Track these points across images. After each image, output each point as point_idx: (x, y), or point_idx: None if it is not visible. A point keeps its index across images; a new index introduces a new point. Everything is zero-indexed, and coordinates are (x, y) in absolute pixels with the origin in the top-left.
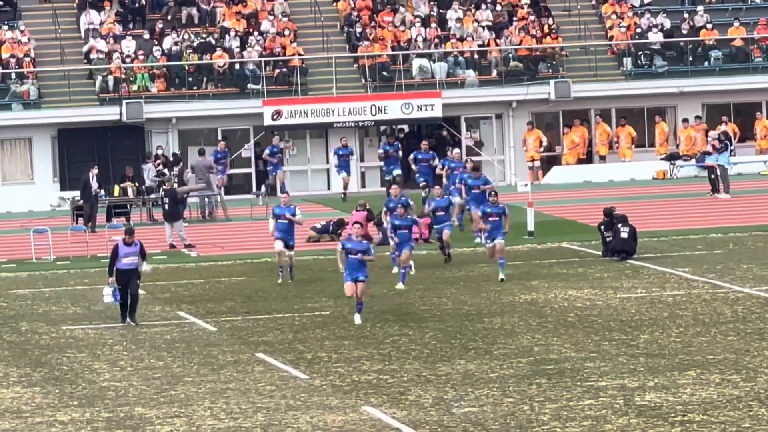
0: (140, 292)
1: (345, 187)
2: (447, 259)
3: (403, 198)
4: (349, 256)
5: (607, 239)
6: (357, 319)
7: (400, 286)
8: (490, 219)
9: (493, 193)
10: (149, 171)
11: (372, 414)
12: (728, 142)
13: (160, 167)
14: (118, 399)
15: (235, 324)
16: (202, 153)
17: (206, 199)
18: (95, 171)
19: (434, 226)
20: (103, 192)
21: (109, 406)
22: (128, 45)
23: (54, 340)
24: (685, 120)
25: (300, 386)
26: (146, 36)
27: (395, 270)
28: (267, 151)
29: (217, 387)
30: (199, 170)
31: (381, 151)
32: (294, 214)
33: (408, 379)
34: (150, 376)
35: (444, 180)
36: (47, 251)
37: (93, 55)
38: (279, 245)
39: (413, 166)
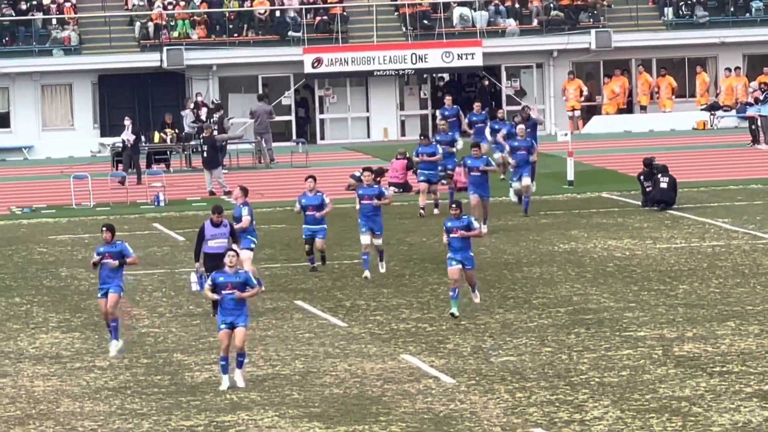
0: None
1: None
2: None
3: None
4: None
5: (647, 189)
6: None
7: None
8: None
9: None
10: (187, 117)
11: (410, 362)
12: None
13: (198, 114)
14: (157, 345)
15: (274, 271)
16: (261, 98)
17: (263, 144)
18: (128, 122)
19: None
20: (143, 138)
21: (148, 352)
22: None
23: (93, 286)
24: (727, 69)
25: (338, 334)
26: None
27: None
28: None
29: (255, 334)
30: (259, 115)
31: (439, 115)
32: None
33: (447, 328)
34: (189, 322)
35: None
36: (87, 197)
37: (134, 2)
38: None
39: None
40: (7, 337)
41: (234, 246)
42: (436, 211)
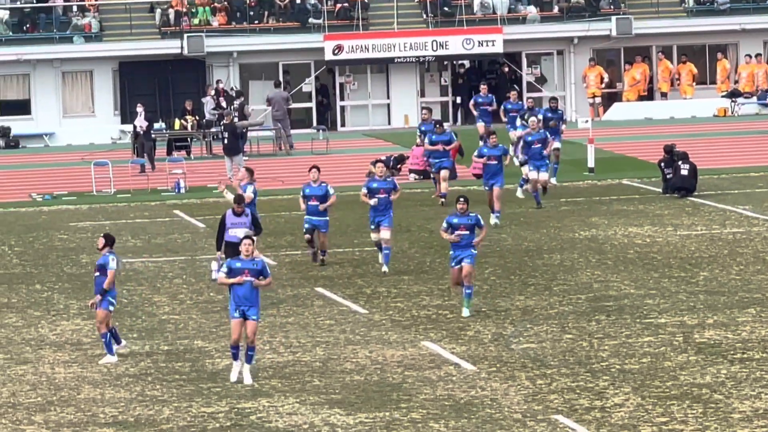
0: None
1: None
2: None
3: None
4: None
5: (668, 176)
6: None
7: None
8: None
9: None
10: (208, 104)
11: (431, 349)
12: None
13: (218, 101)
14: (177, 332)
15: (295, 258)
16: (278, 85)
17: (282, 131)
18: (141, 109)
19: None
20: (162, 124)
21: (168, 339)
22: None
23: None
24: (747, 56)
25: (359, 321)
26: None
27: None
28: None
29: (276, 321)
30: (276, 102)
31: (473, 102)
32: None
33: (467, 315)
34: (209, 309)
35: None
36: (108, 184)
37: None
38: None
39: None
40: (28, 324)
41: (249, 232)
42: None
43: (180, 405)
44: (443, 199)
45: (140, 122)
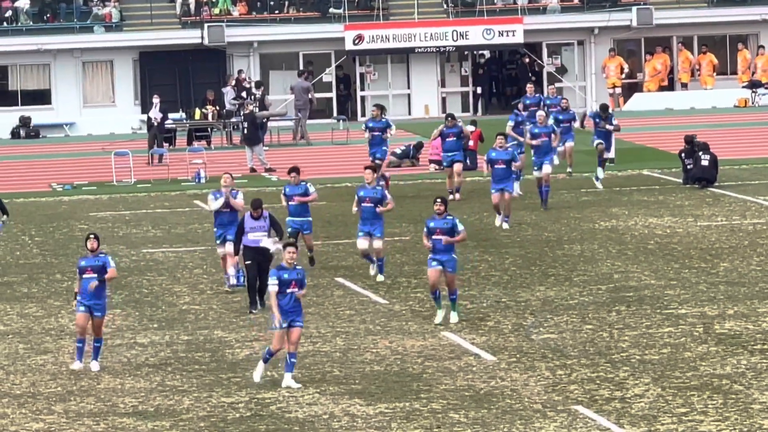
0: None
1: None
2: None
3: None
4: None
5: (688, 167)
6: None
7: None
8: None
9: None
10: (228, 94)
11: (451, 339)
12: None
13: (239, 91)
14: (197, 322)
15: (315, 248)
16: (300, 74)
17: (301, 120)
18: (157, 100)
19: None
20: (183, 114)
21: (188, 329)
22: None
23: (134, 263)
24: (761, 47)
25: (379, 311)
26: None
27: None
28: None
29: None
30: (298, 91)
31: (522, 105)
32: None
33: (487, 305)
34: (229, 299)
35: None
36: (128, 174)
37: None
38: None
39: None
40: (48, 314)
41: (270, 240)
42: (457, 195)
43: (200, 395)
44: (457, 194)
45: (155, 113)
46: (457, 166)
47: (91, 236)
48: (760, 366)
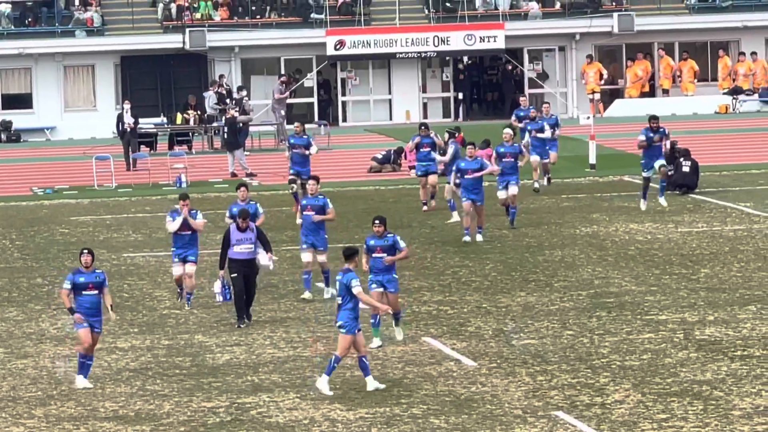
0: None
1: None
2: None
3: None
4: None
5: (669, 173)
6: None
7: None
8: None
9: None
10: (210, 99)
11: (432, 345)
12: None
13: (221, 95)
14: (178, 327)
15: (296, 253)
16: (281, 77)
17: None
18: (128, 106)
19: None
20: (164, 119)
21: (169, 334)
22: None
23: (115, 267)
24: (742, 54)
25: (360, 316)
26: None
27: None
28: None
29: (277, 316)
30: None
31: (514, 117)
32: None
33: (468, 311)
34: (210, 304)
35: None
36: (109, 178)
37: None
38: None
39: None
40: (29, 318)
41: (263, 254)
42: (433, 203)
43: (180, 400)
44: (432, 201)
45: (128, 119)
46: (432, 178)
47: (85, 251)
48: (740, 372)
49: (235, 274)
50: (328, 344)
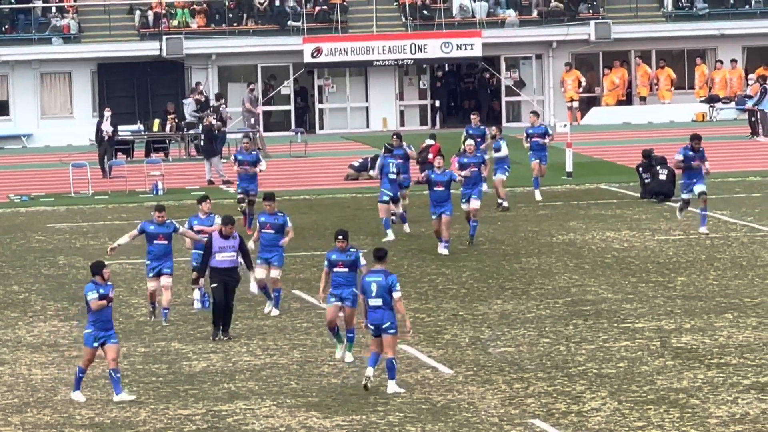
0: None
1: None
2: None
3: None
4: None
5: (646, 181)
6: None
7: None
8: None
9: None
10: (189, 106)
11: (408, 352)
12: (767, 86)
13: (201, 103)
14: (154, 334)
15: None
16: (250, 85)
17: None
18: (108, 113)
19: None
20: (141, 126)
21: (145, 341)
22: None
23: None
24: (719, 62)
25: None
26: None
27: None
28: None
29: (253, 324)
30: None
31: (464, 135)
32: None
33: (445, 318)
34: (187, 311)
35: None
36: (86, 185)
37: None
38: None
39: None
40: (5, 325)
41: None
42: (393, 218)
43: (157, 407)
44: (394, 217)
45: (106, 126)
46: (403, 193)
47: (100, 265)
48: (717, 380)
49: (216, 284)
50: (305, 351)
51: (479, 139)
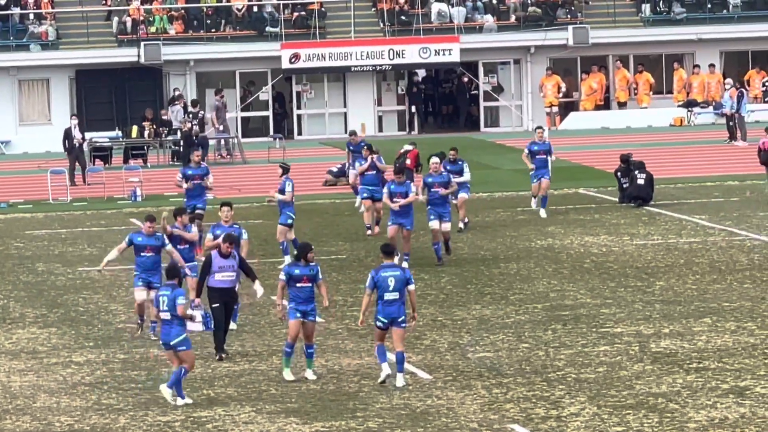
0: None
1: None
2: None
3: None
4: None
5: (624, 185)
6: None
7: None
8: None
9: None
10: (177, 113)
11: (388, 358)
12: (744, 90)
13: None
14: (133, 341)
15: (251, 266)
16: (217, 92)
17: (222, 141)
18: (75, 121)
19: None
20: (120, 133)
21: (124, 348)
22: None
23: (70, 281)
24: (697, 66)
25: (316, 330)
26: None
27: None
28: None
29: (232, 330)
30: (219, 110)
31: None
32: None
33: (424, 324)
34: None
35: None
36: (64, 192)
37: None
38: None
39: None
40: None
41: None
42: (377, 228)
43: (136, 414)
44: (376, 227)
45: (77, 134)
46: (378, 204)
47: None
48: (696, 384)
49: (217, 305)
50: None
51: (442, 188)
